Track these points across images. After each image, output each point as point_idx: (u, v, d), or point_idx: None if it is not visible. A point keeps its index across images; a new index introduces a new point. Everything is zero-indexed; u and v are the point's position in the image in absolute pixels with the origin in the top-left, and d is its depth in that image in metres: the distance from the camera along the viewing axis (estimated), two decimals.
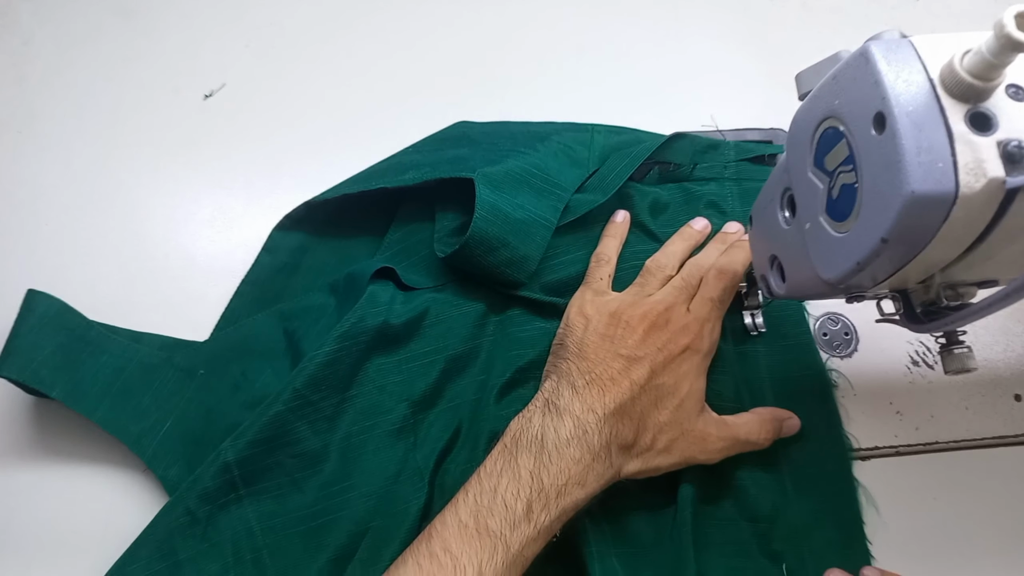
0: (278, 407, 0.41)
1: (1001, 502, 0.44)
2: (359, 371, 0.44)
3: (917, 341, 0.48)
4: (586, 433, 0.37)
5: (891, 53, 0.26)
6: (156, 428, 0.43)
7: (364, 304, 0.44)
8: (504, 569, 0.34)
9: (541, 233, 0.46)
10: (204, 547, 0.39)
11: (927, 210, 0.25)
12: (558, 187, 0.48)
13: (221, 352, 0.46)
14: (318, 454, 0.42)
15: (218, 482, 0.40)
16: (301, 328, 0.46)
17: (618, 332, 0.41)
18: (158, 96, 0.56)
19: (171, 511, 0.40)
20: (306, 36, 0.59)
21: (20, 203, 0.51)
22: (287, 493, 0.41)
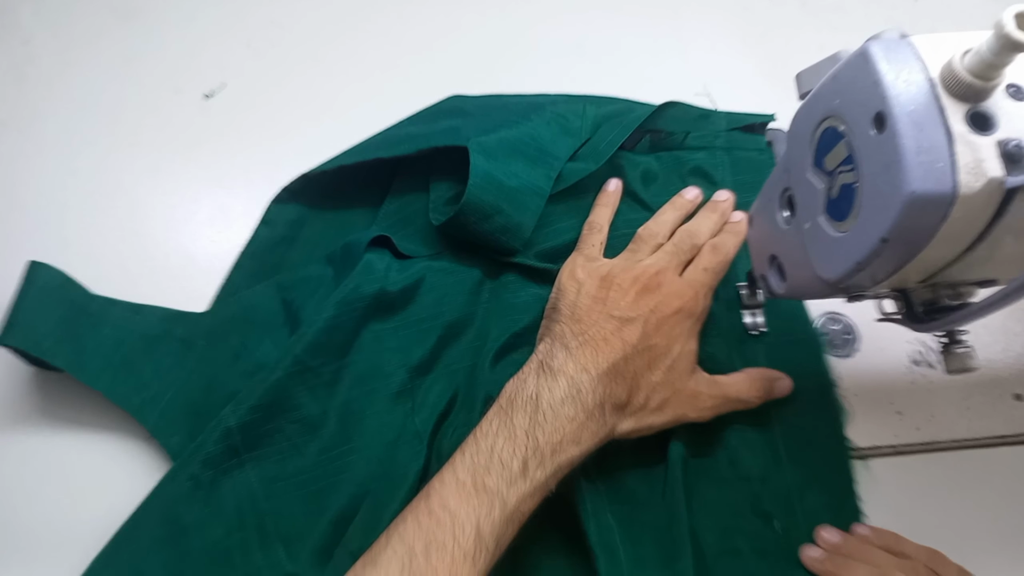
0: (279, 373, 0.42)
1: (1001, 502, 0.44)
2: (357, 337, 0.44)
3: (917, 341, 0.48)
4: (580, 392, 0.38)
5: (891, 53, 0.26)
6: (158, 398, 0.44)
7: (360, 272, 0.45)
8: (501, 524, 0.35)
9: (535, 201, 0.47)
10: (207, 512, 0.40)
11: (927, 210, 0.25)
12: (551, 156, 0.49)
13: (220, 323, 0.46)
14: (317, 419, 0.42)
15: (220, 447, 0.40)
16: (299, 299, 0.47)
17: (610, 295, 0.42)
18: (158, 96, 0.56)
19: (174, 477, 0.40)
20: (306, 36, 0.59)
21: (20, 203, 0.51)
22: (288, 457, 0.41)
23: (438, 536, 0.34)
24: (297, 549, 0.40)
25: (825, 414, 0.45)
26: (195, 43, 0.58)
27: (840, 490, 0.43)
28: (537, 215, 0.47)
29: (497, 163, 0.46)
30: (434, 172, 0.49)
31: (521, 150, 0.48)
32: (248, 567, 0.39)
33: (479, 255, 0.48)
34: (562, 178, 0.49)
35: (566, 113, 0.52)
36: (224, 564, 0.39)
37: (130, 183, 0.53)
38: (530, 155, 0.48)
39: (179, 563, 0.39)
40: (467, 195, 0.44)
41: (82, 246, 0.50)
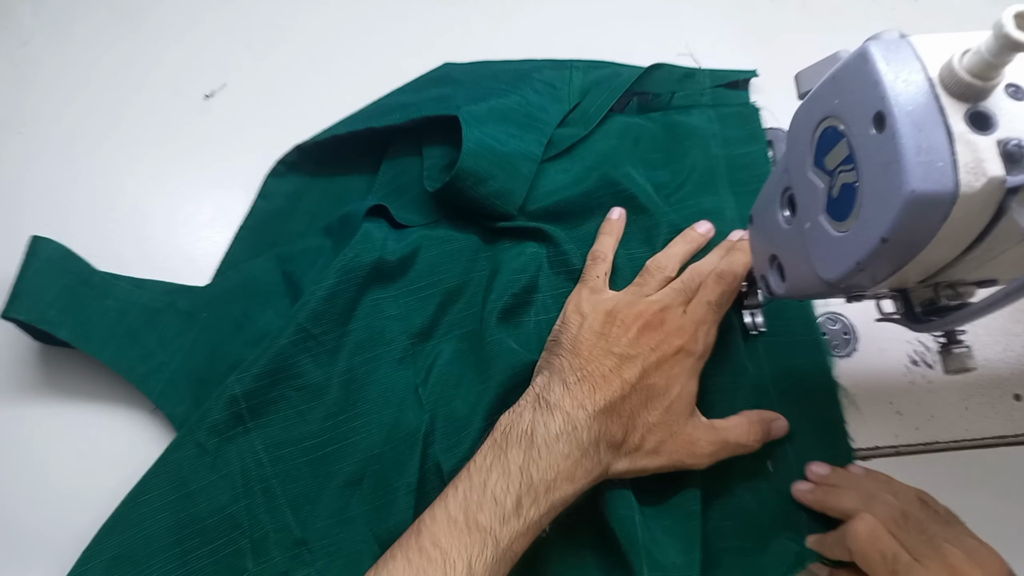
0: (282, 341, 0.42)
1: (1001, 502, 0.44)
2: (357, 305, 0.45)
3: (917, 341, 0.48)
4: (575, 429, 0.37)
5: (890, 53, 0.26)
6: (162, 368, 0.44)
7: (359, 241, 0.45)
8: (494, 563, 0.35)
9: (527, 166, 0.48)
10: (214, 478, 0.40)
11: (927, 210, 0.25)
12: (540, 122, 0.50)
13: (222, 295, 0.47)
14: (321, 386, 0.43)
15: (225, 415, 0.41)
16: (299, 270, 0.48)
17: (613, 331, 0.41)
18: (158, 96, 0.56)
19: (181, 445, 0.41)
20: (306, 37, 0.59)
21: (20, 203, 0.51)
22: (293, 424, 0.42)
23: (429, 574, 0.34)
24: (305, 514, 0.40)
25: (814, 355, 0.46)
26: (195, 44, 0.58)
27: (831, 429, 0.44)
28: (530, 180, 0.48)
29: (489, 130, 0.47)
30: (426, 140, 0.50)
31: (511, 117, 0.49)
32: (256, 531, 0.40)
33: (475, 222, 0.49)
34: (552, 143, 0.50)
35: (553, 80, 0.53)
36: (232, 528, 0.40)
37: (131, 184, 0.53)
38: (520, 122, 0.49)
39: (187, 527, 0.39)
40: (461, 161, 0.45)
41: (83, 247, 0.50)
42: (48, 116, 0.55)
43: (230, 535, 0.39)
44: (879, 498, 0.39)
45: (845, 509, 0.39)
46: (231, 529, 0.40)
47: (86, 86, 0.56)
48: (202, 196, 0.52)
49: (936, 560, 0.35)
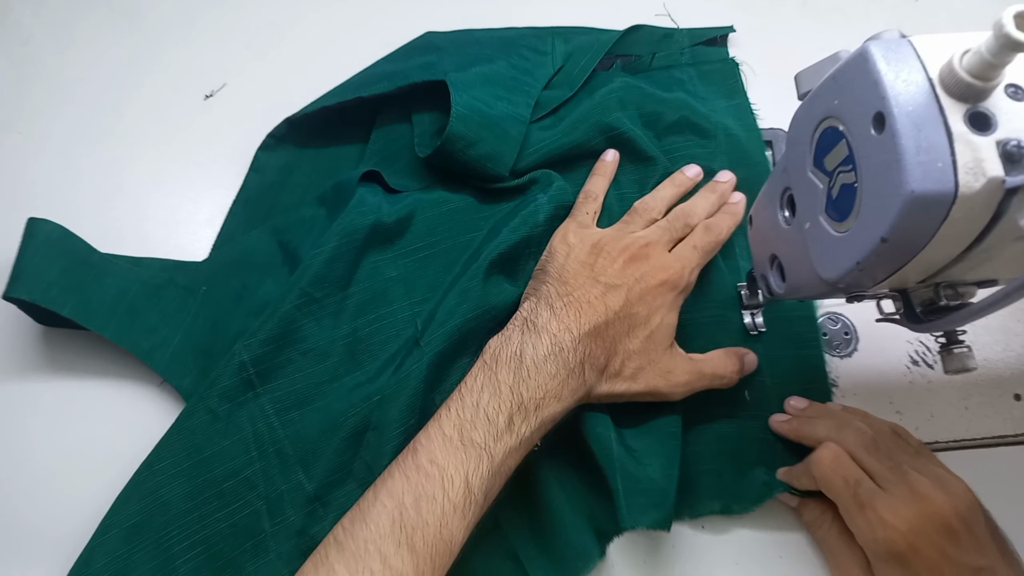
0: (286, 306, 0.43)
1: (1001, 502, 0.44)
2: (357, 268, 0.46)
3: (917, 341, 0.48)
4: (562, 350, 0.38)
5: (890, 53, 0.26)
6: (166, 343, 0.45)
7: (355, 206, 0.46)
8: (489, 477, 0.36)
9: (516, 127, 0.49)
10: (227, 443, 0.41)
11: (927, 210, 0.25)
12: (527, 84, 0.51)
13: (220, 269, 0.48)
14: (325, 349, 0.44)
15: (235, 380, 0.42)
16: (295, 240, 0.48)
17: (598, 261, 0.43)
18: (158, 96, 0.56)
19: (192, 412, 0.42)
20: (306, 36, 0.59)
21: (20, 203, 0.51)
22: (301, 387, 0.43)
23: (427, 490, 0.35)
24: (316, 471, 0.41)
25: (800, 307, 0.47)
26: (195, 44, 0.58)
27: (811, 367, 0.45)
28: (519, 141, 0.49)
29: (477, 94, 0.48)
30: (415, 107, 0.51)
31: (498, 81, 0.50)
32: (271, 492, 0.40)
33: (468, 185, 0.50)
34: (539, 105, 0.51)
35: (536, 46, 0.54)
36: (248, 490, 0.40)
37: (131, 183, 0.53)
38: (507, 85, 0.51)
39: (203, 492, 0.40)
40: (450, 126, 0.46)
41: None
42: (48, 115, 0.55)
43: (246, 497, 0.40)
44: (851, 426, 0.40)
45: (818, 437, 0.40)
46: (247, 491, 0.40)
47: (86, 85, 0.56)
48: (202, 196, 0.52)
49: (901, 486, 0.36)
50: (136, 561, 0.38)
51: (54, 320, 0.44)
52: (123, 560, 0.38)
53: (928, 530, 0.35)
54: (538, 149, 0.49)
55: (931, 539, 0.34)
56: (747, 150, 0.51)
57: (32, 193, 0.52)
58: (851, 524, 0.37)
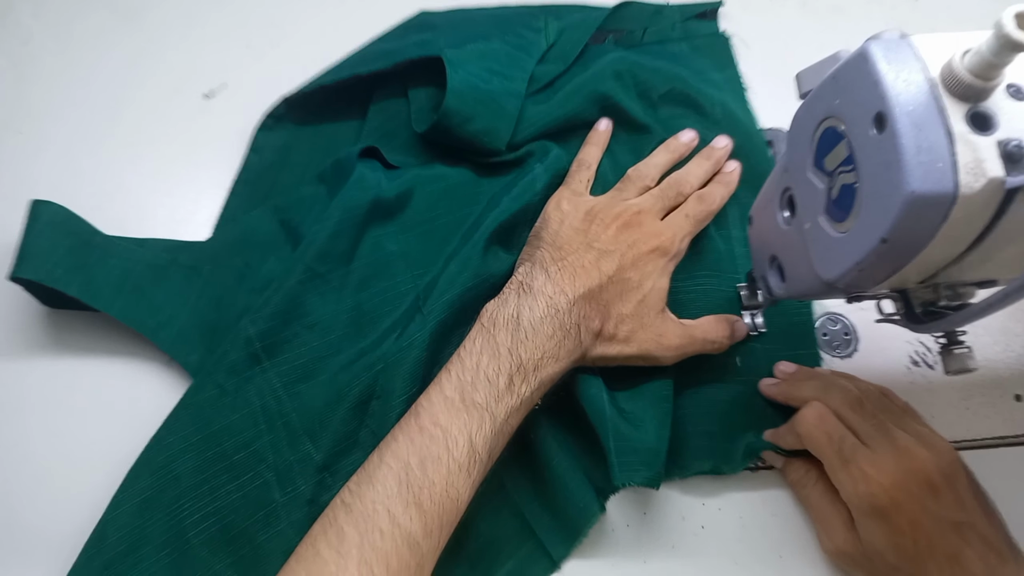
0: (291, 281, 0.44)
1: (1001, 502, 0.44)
2: (359, 244, 0.46)
3: (917, 341, 0.48)
4: (558, 312, 0.39)
5: (891, 53, 0.26)
6: (172, 321, 0.45)
7: (355, 183, 0.47)
8: (493, 437, 0.36)
9: (512, 102, 0.49)
10: (236, 416, 0.41)
11: (927, 210, 0.25)
12: (522, 60, 0.52)
13: (223, 248, 0.48)
14: (330, 323, 0.44)
15: (242, 355, 0.42)
16: (296, 218, 0.48)
17: (592, 228, 0.43)
18: (158, 96, 0.56)
19: (201, 388, 0.42)
20: (306, 36, 0.59)
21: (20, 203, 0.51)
22: (307, 360, 0.43)
23: (432, 451, 0.35)
24: (322, 440, 0.41)
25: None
26: (195, 43, 0.58)
27: (802, 334, 0.46)
28: (515, 116, 0.49)
29: (472, 69, 0.49)
30: (411, 84, 0.52)
31: (493, 57, 0.51)
32: (280, 463, 0.41)
33: (466, 160, 0.50)
34: (534, 79, 0.52)
35: (530, 23, 0.55)
36: (258, 463, 0.41)
37: (131, 183, 0.53)
38: (502, 61, 0.51)
39: (213, 465, 0.40)
40: (447, 101, 0.47)
41: None
42: (48, 115, 0.55)
43: (256, 469, 0.41)
44: (837, 386, 0.40)
45: (805, 398, 0.41)
46: (257, 463, 0.41)
47: (86, 85, 0.56)
48: (202, 196, 0.52)
49: (884, 442, 0.37)
50: (149, 534, 0.39)
51: (60, 301, 0.45)
52: (136, 533, 0.39)
53: (910, 485, 0.35)
54: (534, 123, 0.50)
55: (913, 494, 0.35)
56: (741, 121, 0.51)
57: (32, 193, 0.51)
58: (835, 480, 0.38)
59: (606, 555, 0.42)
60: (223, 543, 0.39)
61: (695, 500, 0.44)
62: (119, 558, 0.38)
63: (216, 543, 0.39)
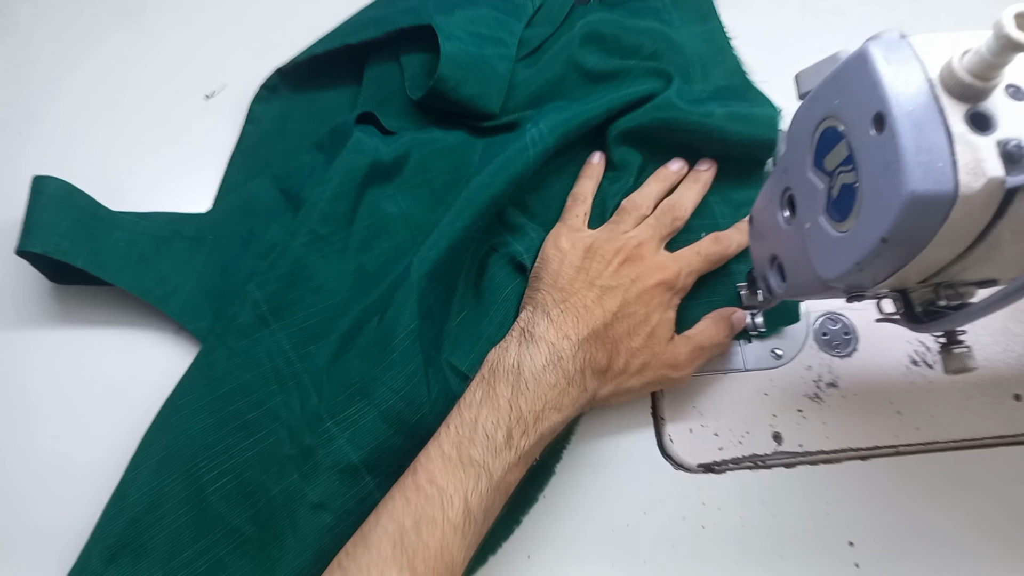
0: (295, 244, 0.44)
1: (1001, 502, 0.44)
2: (359, 206, 0.47)
3: (917, 341, 0.48)
4: (561, 359, 0.39)
5: (890, 53, 0.26)
6: (179, 290, 0.46)
7: (352, 147, 0.47)
8: (489, 495, 0.36)
9: (503, 64, 0.50)
10: (247, 377, 0.42)
11: (927, 210, 0.25)
12: (509, 24, 0.53)
13: (225, 218, 0.49)
14: (334, 284, 0.45)
15: (251, 317, 0.43)
16: (296, 185, 0.49)
17: (593, 264, 0.43)
18: (158, 96, 0.56)
19: (212, 350, 0.43)
20: (306, 36, 0.59)
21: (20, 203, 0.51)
22: (313, 321, 0.44)
23: (427, 511, 0.35)
24: (326, 392, 0.42)
25: None
26: (195, 44, 0.58)
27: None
28: (507, 79, 0.50)
29: (463, 35, 0.49)
30: (403, 51, 0.52)
31: (482, 22, 0.52)
32: (292, 419, 0.41)
33: (461, 124, 0.51)
34: (523, 43, 0.53)
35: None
36: (272, 420, 0.41)
37: (131, 184, 0.53)
38: (491, 26, 0.52)
39: (228, 424, 0.41)
40: (441, 67, 0.48)
41: None
42: (48, 115, 0.55)
43: (270, 426, 0.41)
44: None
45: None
46: (270, 421, 0.41)
47: (86, 85, 0.56)
48: (202, 196, 0.52)
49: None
50: (168, 492, 0.39)
51: (66, 275, 0.45)
52: (156, 492, 0.39)
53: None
54: (525, 87, 0.51)
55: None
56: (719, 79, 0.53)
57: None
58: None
59: (606, 555, 0.42)
60: (240, 498, 0.40)
61: (695, 500, 0.44)
62: (142, 515, 0.39)
63: (233, 498, 0.40)
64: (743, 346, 0.47)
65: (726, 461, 0.44)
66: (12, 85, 0.56)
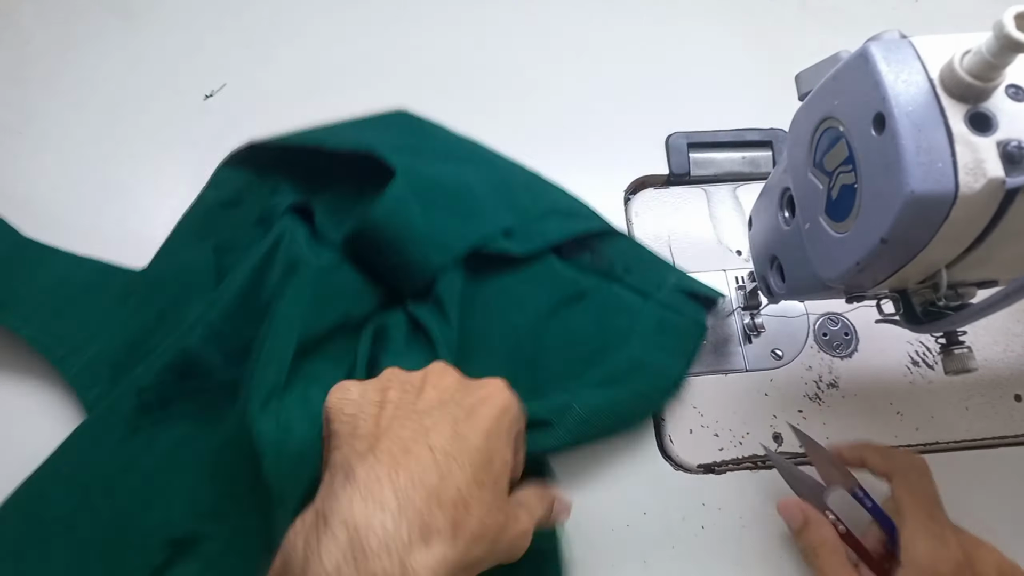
0: (192, 338, 0.42)
1: (1001, 502, 0.44)
2: (268, 311, 0.43)
3: (917, 341, 0.48)
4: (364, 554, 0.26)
5: (891, 53, 0.26)
6: (84, 348, 0.44)
7: (277, 245, 0.44)
8: None
9: (438, 255, 0.44)
10: (114, 466, 0.40)
11: (927, 210, 0.25)
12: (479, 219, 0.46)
13: (155, 280, 0.47)
14: (231, 387, 0.42)
15: (133, 404, 0.41)
16: (232, 263, 0.47)
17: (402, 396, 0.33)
18: (158, 96, 0.56)
19: (88, 430, 0.40)
20: (306, 36, 0.59)
21: (20, 203, 0.51)
22: (199, 422, 0.41)
23: None
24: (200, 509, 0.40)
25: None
26: (195, 43, 0.58)
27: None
28: (434, 270, 0.44)
29: (419, 198, 0.43)
30: (366, 174, 0.46)
31: (451, 194, 0.45)
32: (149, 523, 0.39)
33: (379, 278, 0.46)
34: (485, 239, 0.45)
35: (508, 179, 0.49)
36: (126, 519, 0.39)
37: (131, 184, 0.53)
38: (458, 208, 0.45)
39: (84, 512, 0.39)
40: (371, 217, 0.42)
41: (83, 248, 0.50)
42: (48, 115, 0.55)
43: (124, 527, 0.39)
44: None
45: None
46: (126, 520, 0.39)
47: (86, 86, 0.56)
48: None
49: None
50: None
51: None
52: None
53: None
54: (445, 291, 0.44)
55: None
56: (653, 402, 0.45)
57: (32, 193, 0.52)
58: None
59: (606, 555, 0.42)
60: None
61: (695, 500, 0.43)
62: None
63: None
64: (743, 346, 0.47)
65: (726, 462, 0.44)
66: (12, 85, 0.56)
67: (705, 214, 0.52)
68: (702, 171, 0.53)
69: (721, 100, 0.56)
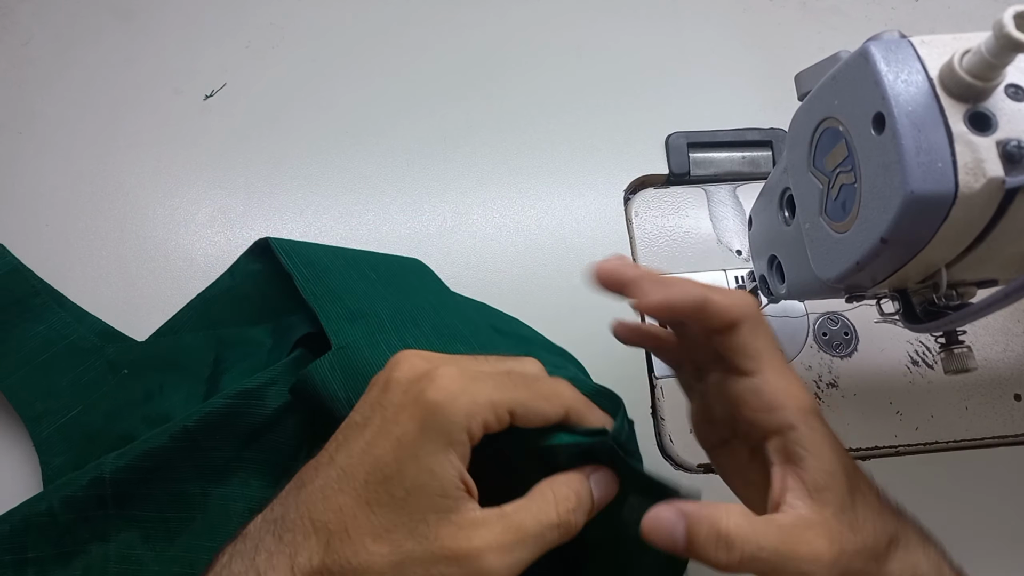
0: (165, 439, 0.39)
1: (1001, 502, 0.44)
2: (255, 438, 0.41)
3: (917, 341, 0.48)
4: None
5: (890, 53, 0.26)
6: (62, 412, 0.43)
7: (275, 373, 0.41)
8: None
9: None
10: (53, 553, 0.37)
11: (926, 210, 0.25)
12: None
13: (150, 357, 0.45)
14: (197, 501, 0.39)
15: (89, 494, 0.38)
16: (231, 359, 0.45)
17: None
18: (158, 96, 0.56)
19: (35, 504, 0.38)
20: (306, 36, 0.59)
21: (20, 203, 0.51)
22: (154, 532, 0.39)
23: None
24: None
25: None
26: (195, 43, 0.58)
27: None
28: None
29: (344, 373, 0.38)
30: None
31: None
32: None
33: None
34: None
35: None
36: None
37: (130, 184, 0.53)
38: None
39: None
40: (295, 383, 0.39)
41: (82, 247, 0.50)
42: (48, 116, 0.55)
43: None
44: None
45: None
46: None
47: (86, 86, 0.56)
48: (202, 196, 0.52)
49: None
50: None
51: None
52: None
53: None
54: None
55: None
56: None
57: (32, 193, 0.52)
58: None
59: None
60: None
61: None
62: None
63: None
64: None
65: None
66: (12, 85, 0.56)
67: (705, 214, 0.52)
68: (702, 171, 0.53)
69: (721, 100, 0.56)
